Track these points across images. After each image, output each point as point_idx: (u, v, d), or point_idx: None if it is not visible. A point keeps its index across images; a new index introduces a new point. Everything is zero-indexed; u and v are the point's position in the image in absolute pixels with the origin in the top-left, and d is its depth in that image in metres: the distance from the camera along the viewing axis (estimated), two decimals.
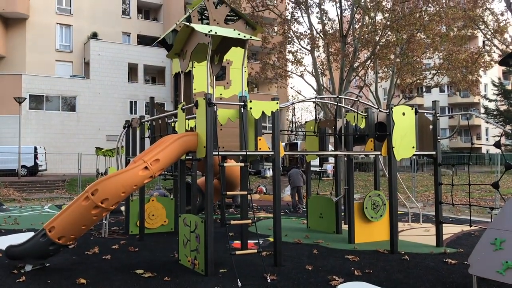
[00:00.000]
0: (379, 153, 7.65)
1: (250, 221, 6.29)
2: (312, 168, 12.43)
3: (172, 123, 8.99)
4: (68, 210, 5.99)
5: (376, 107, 7.96)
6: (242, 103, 6.40)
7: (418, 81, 30.50)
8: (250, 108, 6.38)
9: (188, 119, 6.91)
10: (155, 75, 41.74)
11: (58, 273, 6.14)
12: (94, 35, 34.94)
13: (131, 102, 35.15)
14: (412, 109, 7.71)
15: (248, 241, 7.29)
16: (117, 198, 6.01)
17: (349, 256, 7.06)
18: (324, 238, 8.70)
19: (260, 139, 6.80)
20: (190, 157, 6.74)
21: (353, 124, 8.39)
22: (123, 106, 34.47)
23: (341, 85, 25.67)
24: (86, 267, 6.46)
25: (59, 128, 32.00)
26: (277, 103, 6.59)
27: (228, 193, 6.68)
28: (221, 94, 9.32)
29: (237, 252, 6.04)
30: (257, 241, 7.43)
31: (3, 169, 25.61)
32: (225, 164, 6.42)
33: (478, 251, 5.17)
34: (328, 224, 9.66)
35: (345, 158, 8.73)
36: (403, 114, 7.57)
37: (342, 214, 9.59)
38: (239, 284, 5.43)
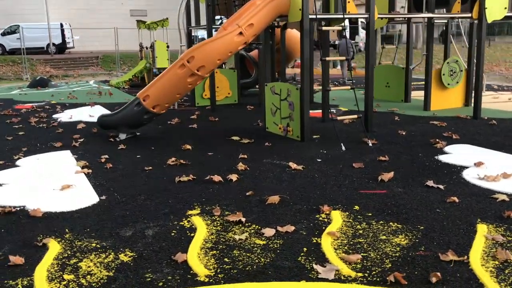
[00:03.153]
0: (469, 15, 7.19)
1: (348, 87, 6.12)
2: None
3: None
4: (163, 79, 5.89)
5: None
6: None
7: None
8: None
9: None
10: None
11: (155, 140, 6.24)
12: None
13: None
14: None
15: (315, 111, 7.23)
16: (213, 65, 5.87)
17: (434, 122, 7.01)
18: (396, 106, 8.62)
19: (349, 2, 6.38)
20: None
21: None
22: None
23: None
24: (179, 135, 6.55)
25: (82, 3, 30.92)
26: None
27: (328, 58, 6.41)
28: None
29: (339, 118, 6.01)
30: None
31: (32, 47, 25.20)
32: (323, 28, 6.07)
33: None
34: (397, 93, 9.51)
35: (425, 23, 8.29)
36: None
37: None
38: (343, 148, 5.46)
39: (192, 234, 3.20)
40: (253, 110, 8.86)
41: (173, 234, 3.22)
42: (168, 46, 14.11)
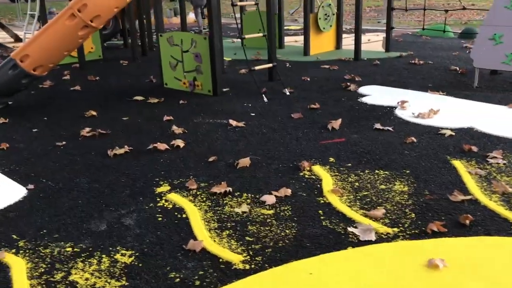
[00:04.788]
0: None
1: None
2: None
3: None
4: (46, 33, 4.84)
5: None
6: None
7: None
8: None
9: None
10: None
11: (40, 109, 5.21)
12: None
13: None
14: None
15: None
16: (110, 14, 5.02)
17: (325, 66, 7.16)
18: (278, 54, 8.59)
19: None
20: None
21: None
22: None
23: None
24: (65, 100, 5.57)
25: None
26: None
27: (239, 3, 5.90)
28: None
29: (256, 68, 5.69)
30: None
31: None
32: None
33: (479, 47, 5.60)
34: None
35: None
36: None
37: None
38: (265, 99, 5.24)
39: (182, 216, 2.71)
40: (129, 64, 8.00)
41: (160, 219, 2.69)
42: None
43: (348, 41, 9.57)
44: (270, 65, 5.77)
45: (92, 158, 3.66)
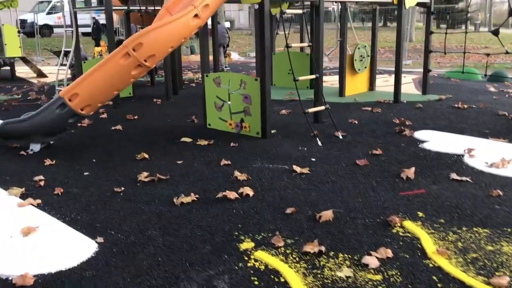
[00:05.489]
0: (389, 0, 7.27)
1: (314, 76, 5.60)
2: None
3: None
4: (98, 72, 4.67)
5: None
6: None
7: None
8: None
9: None
10: None
11: (84, 150, 4.99)
12: None
13: None
14: None
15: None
16: (164, 54, 4.87)
17: (367, 108, 6.98)
18: (308, 94, 8.39)
19: None
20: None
21: None
22: None
23: None
24: (109, 140, 5.36)
25: None
26: None
27: (293, 44, 5.74)
28: None
29: (310, 110, 5.49)
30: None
31: None
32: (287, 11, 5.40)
33: None
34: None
35: (339, 7, 8.21)
36: None
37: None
38: (319, 143, 5.01)
39: (280, 279, 2.44)
40: (163, 103, 7.83)
41: (256, 283, 2.41)
42: (19, 31, 11.88)
43: (378, 82, 9.45)
44: (323, 107, 5.57)
45: (157, 207, 3.40)
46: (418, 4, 7.54)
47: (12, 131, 4.86)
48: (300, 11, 5.63)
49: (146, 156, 4.59)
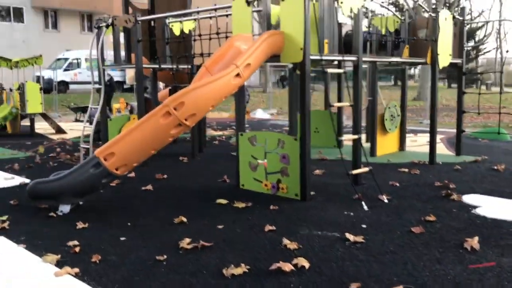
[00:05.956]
0: (423, 60, 7.20)
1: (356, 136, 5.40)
2: None
3: (171, 25, 7.36)
4: (136, 132, 4.51)
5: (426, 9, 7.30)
6: None
7: None
8: (341, 3, 5.29)
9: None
10: None
11: (116, 211, 4.75)
12: None
13: None
14: (451, 14, 7.32)
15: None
16: (204, 113, 4.75)
17: (403, 169, 6.73)
18: (337, 153, 8.17)
19: (326, 42, 5.81)
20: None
21: (380, 28, 7.72)
22: None
23: None
24: (140, 201, 5.13)
25: None
26: None
27: (336, 104, 5.61)
28: None
29: (354, 171, 5.27)
30: None
31: None
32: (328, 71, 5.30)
33: None
34: (327, 139, 9.17)
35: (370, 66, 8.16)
36: (445, 19, 7.15)
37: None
38: (365, 207, 4.74)
39: None
40: (190, 161, 7.65)
41: None
42: (41, 88, 11.96)
43: (407, 142, 9.24)
44: (366, 169, 5.34)
45: (208, 279, 3.11)
46: (451, 64, 7.47)
47: (44, 191, 4.65)
48: (341, 71, 5.52)
49: (184, 219, 4.33)
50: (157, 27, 7.69)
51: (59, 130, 12.48)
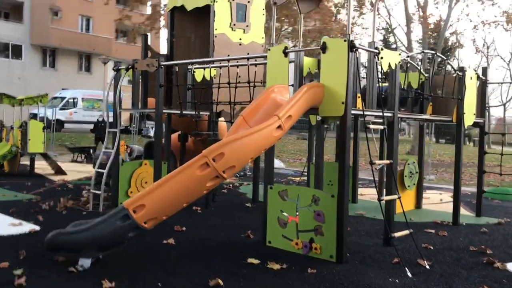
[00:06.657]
0: (450, 118, 7.09)
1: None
2: None
3: (193, 71, 7.21)
4: (170, 183, 4.22)
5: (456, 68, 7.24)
6: (376, 50, 5.16)
7: None
8: (381, 58, 5.18)
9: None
10: (7, 10, 35.80)
11: (140, 269, 4.37)
12: None
13: None
14: (476, 73, 7.29)
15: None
16: (242, 166, 4.49)
17: (429, 230, 6.48)
18: (353, 209, 7.92)
19: (359, 97, 5.66)
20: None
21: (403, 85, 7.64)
22: None
23: None
24: (165, 257, 4.77)
25: None
26: (400, 54, 5.51)
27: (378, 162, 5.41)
28: (240, 39, 7.86)
29: (396, 234, 4.99)
30: None
31: None
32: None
33: None
34: None
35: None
36: (471, 78, 7.12)
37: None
38: (409, 274, 4.43)
39: None
40: (204, 211, 7.30)
41: None
42: (44, 127, 11.65)
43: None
44: (407, 231, 5.07)
45: None
46: (474, 124, 7.38)
47: (66, 243, 4.27)
48: (382, 127, 5.34)
49: (221, 282, 3.98)
50: (179, 73, 7.53)
51: (59, 171, 12.08)
